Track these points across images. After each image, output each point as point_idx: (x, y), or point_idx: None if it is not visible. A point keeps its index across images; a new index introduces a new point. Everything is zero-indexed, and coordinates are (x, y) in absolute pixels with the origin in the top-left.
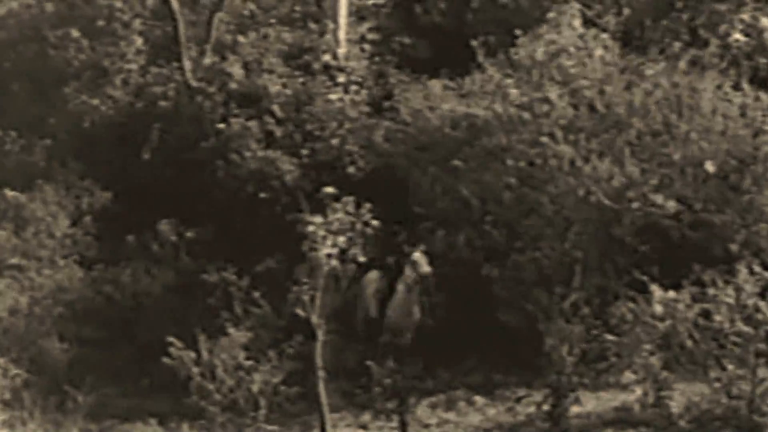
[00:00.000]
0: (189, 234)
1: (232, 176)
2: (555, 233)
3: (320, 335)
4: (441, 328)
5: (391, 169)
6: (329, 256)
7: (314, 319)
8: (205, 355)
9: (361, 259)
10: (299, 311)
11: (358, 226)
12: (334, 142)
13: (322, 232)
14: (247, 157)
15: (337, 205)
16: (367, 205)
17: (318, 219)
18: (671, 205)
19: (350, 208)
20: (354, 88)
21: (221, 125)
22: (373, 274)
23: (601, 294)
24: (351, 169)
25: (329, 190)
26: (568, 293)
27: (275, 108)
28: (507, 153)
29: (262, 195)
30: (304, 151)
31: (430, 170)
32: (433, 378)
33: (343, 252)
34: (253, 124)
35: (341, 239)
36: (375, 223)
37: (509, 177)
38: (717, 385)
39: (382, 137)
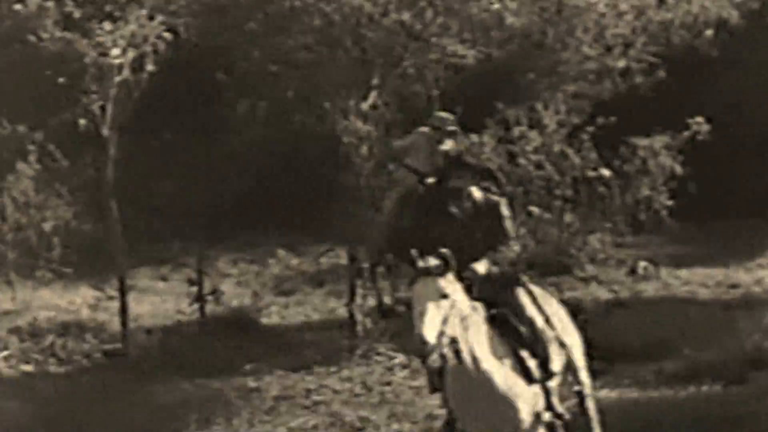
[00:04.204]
0: None
1: (29, 58)
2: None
3: (112, 151)
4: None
5: (188, 39)
6: (120, 66)
7: (104, 131)
8: None
9: None
10: (85, 123)
11: (151, 39)
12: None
13: (111, 38)
14: (45, 39)
15: (129, 17)
16: (159, 17)
17: (108, 26)
18: (472, 54)
19: (143, 21)
20: None
21: (17, 6)
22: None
23: None
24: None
25: None
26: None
27: None
28: (303, 11)
29: (61, 80)
30: (100, 33)
31: (225, 35)
32: (234, 239)
33: (134, 62)
34: (50, 4)
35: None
36: (167, 35)
37: (306, 36)
38: (523, 229)
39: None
